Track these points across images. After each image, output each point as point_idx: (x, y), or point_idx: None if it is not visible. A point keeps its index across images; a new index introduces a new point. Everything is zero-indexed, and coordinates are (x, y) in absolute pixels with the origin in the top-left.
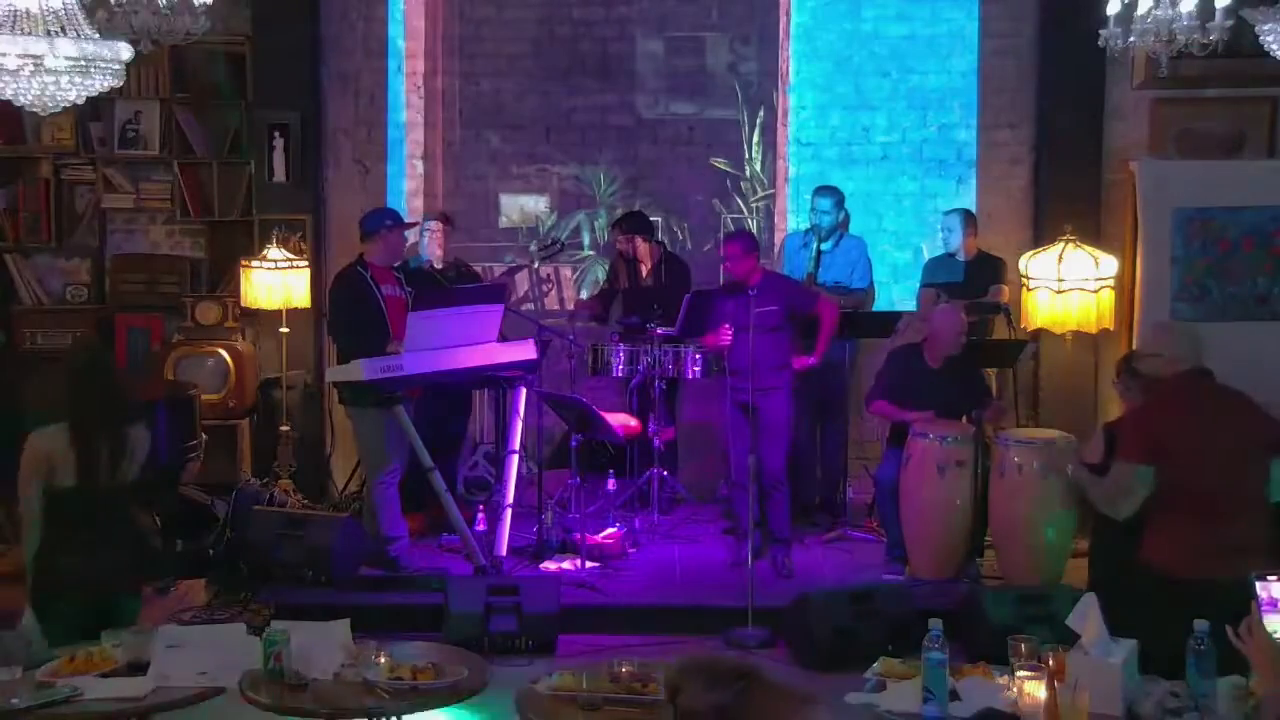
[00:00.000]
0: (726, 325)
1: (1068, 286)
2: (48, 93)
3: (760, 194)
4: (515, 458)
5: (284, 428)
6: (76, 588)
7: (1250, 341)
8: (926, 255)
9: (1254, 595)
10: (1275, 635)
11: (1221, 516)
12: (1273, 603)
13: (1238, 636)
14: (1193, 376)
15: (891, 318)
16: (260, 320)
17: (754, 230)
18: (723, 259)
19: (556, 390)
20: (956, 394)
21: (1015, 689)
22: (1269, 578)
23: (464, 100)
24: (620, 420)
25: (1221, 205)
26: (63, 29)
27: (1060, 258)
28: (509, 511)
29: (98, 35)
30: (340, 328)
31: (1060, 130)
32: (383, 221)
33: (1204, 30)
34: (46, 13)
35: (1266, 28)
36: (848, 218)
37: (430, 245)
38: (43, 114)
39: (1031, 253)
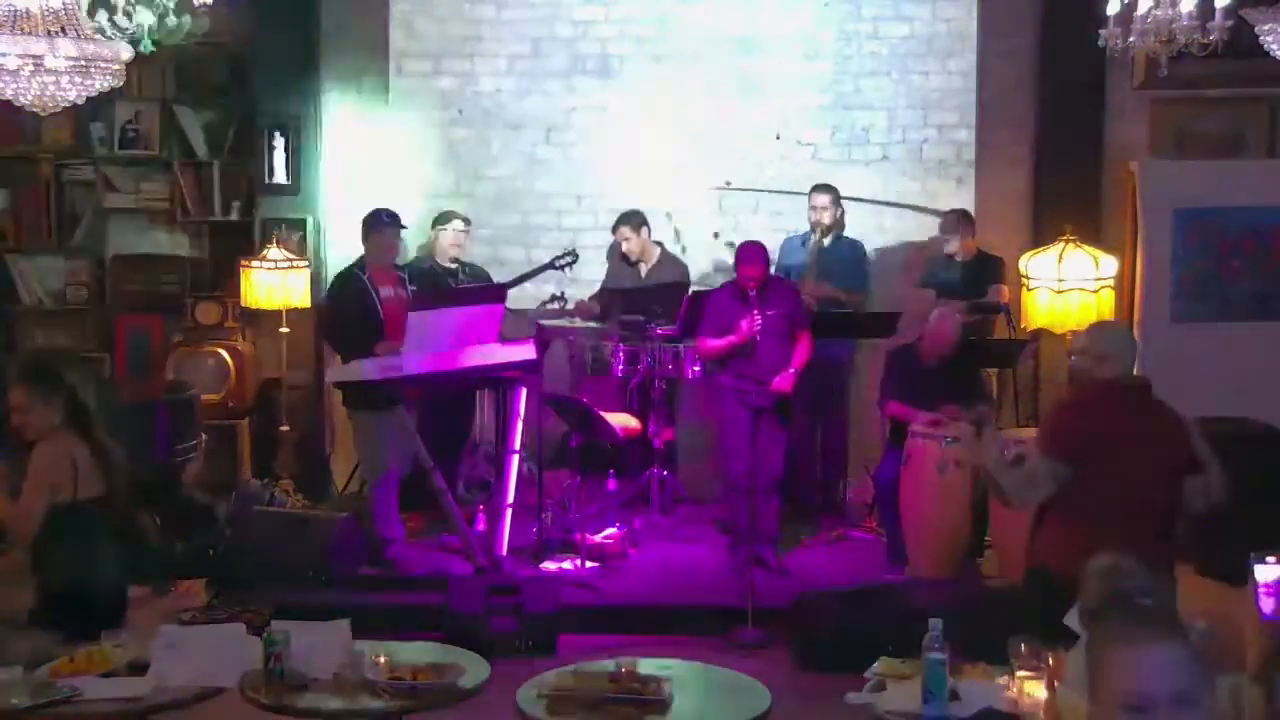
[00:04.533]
0: (756, 313)
1: (1068, 286)
2: (48, 93)
3: None
4: (515, 458)
5: (284, 428)
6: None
7: (1250, 341)
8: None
9: (1250, 577)
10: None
11: (1118, 527)
12: (1269, 587)
13: None
14: (1122, 384)
15: (891, 318)
16: (260, 320)
17: None
18: (741, 264)
19: (556, 390)
20: (953, 392)
21: (1015, 689)
22: (1268, 560)
23: (464, 100)
24: (620, 420)
25: (1221, 205)
26: (63, 29)
27: (1060, 258)
28: (509, 511)
29: (98, 35)
30: (330, 330)
31: (1060, 130)
32: (367, 223)
33: (1204, 30)
34: (46, 13)
35: (1266, 28)
36: (843, 215)
37: (448, 245)
38: (43, 114)
39: (1031, 253)
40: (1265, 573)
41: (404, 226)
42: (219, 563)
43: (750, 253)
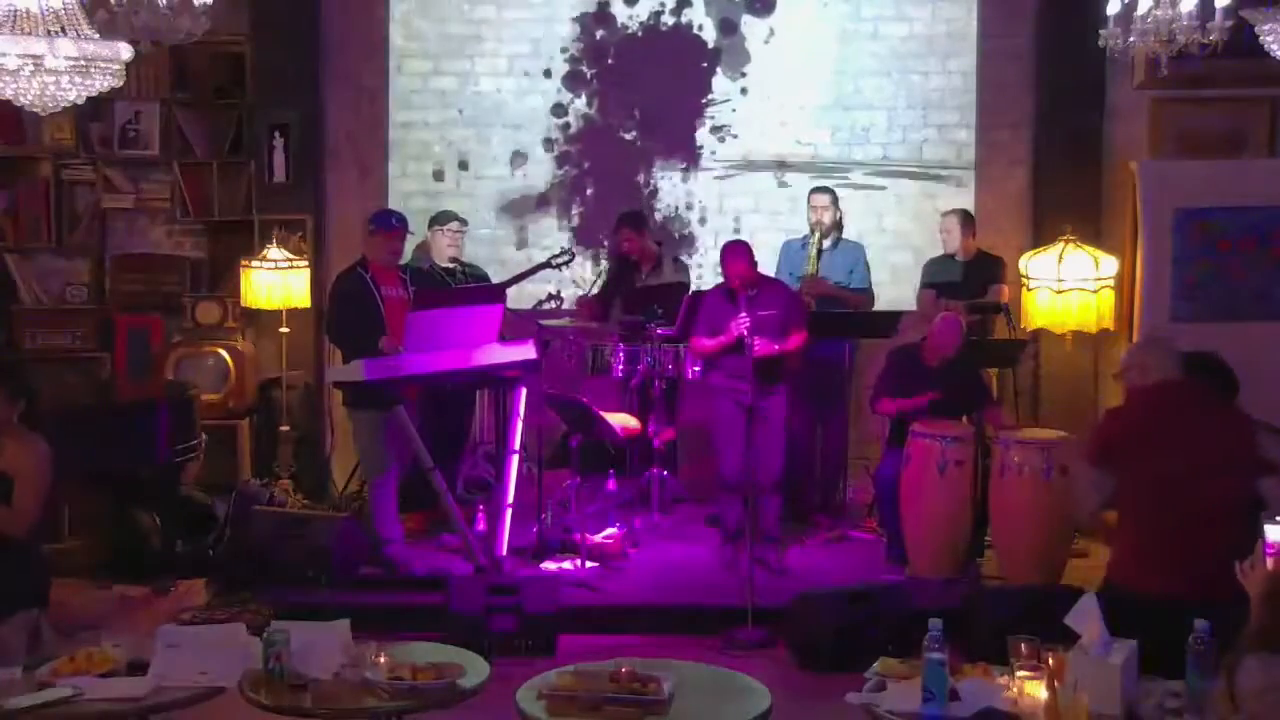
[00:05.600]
0: (744, 315)
1: (1068, 286)
2: (48, 93)
3: None
4: (515, 458)
5: (284, 428)
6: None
7: (1250, 341)
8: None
9: (1261, 535)
10: None
11: (1176, 530)
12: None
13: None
14: (1165, 387)
15: (891, 317)
16: (260, 320)
17: None
18: (724, 263)
19: (557, 390)
20: (955, 393)
21: (1015, 689)
22: (1278, 520)
23: (464, 100)
24: (620, 420)
25: (1221, 205)
26: (63, 29)
27: (1060, 258)
28: (509, 511)
29: (98, 35)
30: (334, 328)
31: (1060, 130)
32: (368, 225)
33: (1204, 30)
34: (46, 13)
35: (1266, 28)
36: (842, 217)
37: (446, 246)
38: (43, 114)
39: (1031, 253)
40: (1275, 531)
41: (411, 232)
42: (219, 563)
43: (732, 251)
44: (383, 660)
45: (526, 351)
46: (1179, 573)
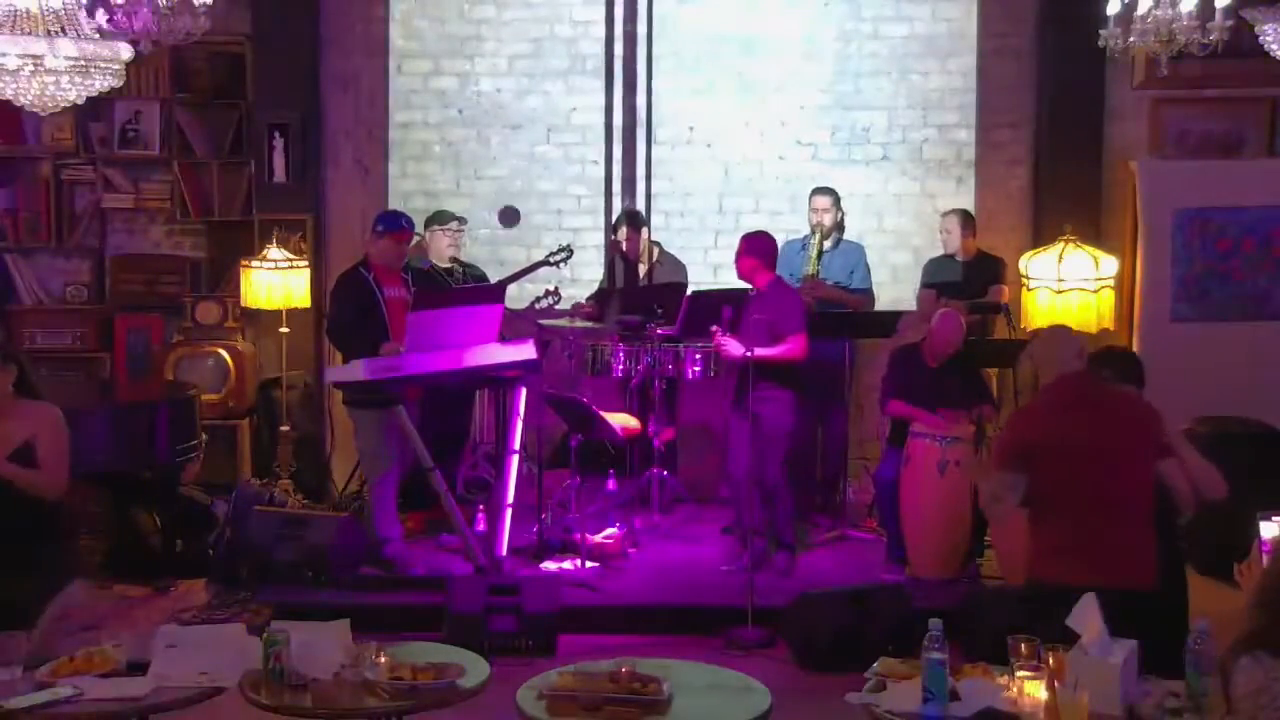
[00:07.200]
0: (715, 327)
1: (1068, 286)
2: (48, 93)
3: None
4: (515, 458)
5: (284, 428)
6: None
7: (1250, 341)
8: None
9: (1256, 534)
10: None
11: (1089, 520)
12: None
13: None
14: (1063, 382)
15: (891, 317)
16: (260, 320)
17: None
18: None
19: (556, 390)
20: (956, 393)
21: (1015, 689)
22: (1274, 517)
23: (464, 100)
24: (620, 420)
25: (1221, 205)
26: (63, 29)
27: (1060, 258)
28: (509, 511)
29: (98, 35)
30: (335, 328)
31: (1060, 130)
32: (375, 225)
33: (1204, 30)
34: (46, 13)
35: (1266, 28)
36: (844, 218)
37: (445, 247)
38: (43, 114)
39: (1031, 253)
40: (1269, 529)
41: (400, 235)
42: (219, 563)
43: (739, 246)
44: (383, 660)
45: (526, 351)
46: (1097, 563)
